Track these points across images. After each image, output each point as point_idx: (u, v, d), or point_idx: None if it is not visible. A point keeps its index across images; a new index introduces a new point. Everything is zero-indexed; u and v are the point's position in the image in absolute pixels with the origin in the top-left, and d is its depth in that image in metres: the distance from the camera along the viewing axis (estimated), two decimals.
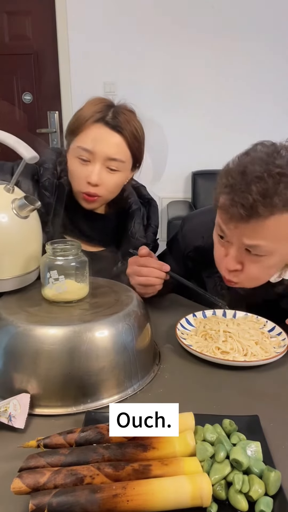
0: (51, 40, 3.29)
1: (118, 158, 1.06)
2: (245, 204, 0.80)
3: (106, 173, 1.07)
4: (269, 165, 0.80)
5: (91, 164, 1.05)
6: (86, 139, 1.04)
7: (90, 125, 1.04)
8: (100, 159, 1.05)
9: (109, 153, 1.04)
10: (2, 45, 3.37)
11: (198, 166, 3.26)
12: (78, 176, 1.07)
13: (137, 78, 3.24)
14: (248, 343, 0.88)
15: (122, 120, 1.05)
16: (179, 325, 0.96)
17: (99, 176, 1.05)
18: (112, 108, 1.07)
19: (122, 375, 0.76)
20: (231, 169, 0.86)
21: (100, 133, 1.04)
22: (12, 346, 0.73)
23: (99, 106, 1.06)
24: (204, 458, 0.57)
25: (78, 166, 1.06)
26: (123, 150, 1.07)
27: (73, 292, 0.83)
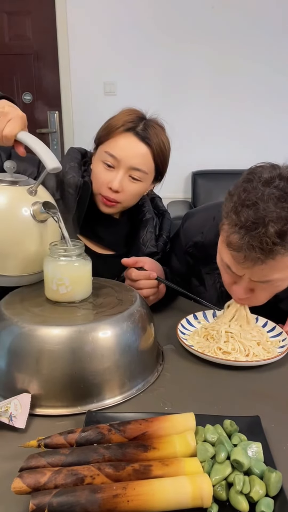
0: (51, 40, 3.29)
1: (142, 169, 1.09)
2: (264, 248, 0.76)
3: (128, 182, 1.09)
4: (282, 201, 0.76)
5: (115, 170, 1.08)
6: (114, 146, 1.07)
7: (120, 133, 1.07)
8: (125, 167, 1.07)
9: (134, 162, 1.07)
10: (2, 45, 3.37)
11: (198, 166, 3.26)
12: (101, 180, 1.09)
13: (137, 78, 3.24)
14: (250, 344, 0.88)
15: (151, 133, 1.09)
16: (180, 325, 0.96)
17: (121, 183, 1.08)
18: (144, 121, 1.10)
19: (126, 375, 0.76)
20: (240, 205, 0.79)
21: (128, 142, 1.07)
22: (15, 346, 0.73)
23: (131, 116, 1.09)
24: (205, 459, 0.57)
25: (102, 170, 1.09)
26: (148, 162, 1.10)
27: (76, 293, 0.83)
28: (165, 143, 1.12)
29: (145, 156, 1.08)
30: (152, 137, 1.08)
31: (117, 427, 0.61)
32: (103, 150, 1.08)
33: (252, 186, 0.78)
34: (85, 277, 0.84)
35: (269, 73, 3.18)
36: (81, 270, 0.83)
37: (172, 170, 1.22)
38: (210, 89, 3.24)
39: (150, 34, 3.15)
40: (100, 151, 1.10)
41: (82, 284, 0.83)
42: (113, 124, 1.08)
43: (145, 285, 1.02)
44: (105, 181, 1.08)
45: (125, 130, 1.07)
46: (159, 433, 0.61)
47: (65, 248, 0.83)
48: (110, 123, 1.09)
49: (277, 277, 0.82)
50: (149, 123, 1.10)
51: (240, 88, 3.22)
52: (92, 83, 3.22)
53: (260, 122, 3.20)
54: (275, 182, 0.78)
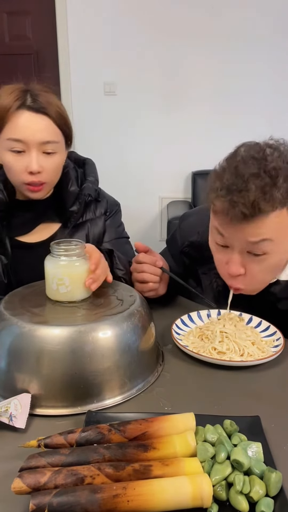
0: (51, 40, 3.29)
1: (52, 140, 1.04)
2: (246, 202, 0.80)
3: (44, 158, 1.04)
4: (261, 162, 0.81)
5: (26, 153, 1.02)
6: (14, 129, 1.01)
7: (13, 114, 1.00)
8: (35, 146, 1.02)
9: (41, 137, 1.02)
10: (2, 45, 3.37)
11: (198, 166, 3.26)
12: (16, 168, 1.04)
13: (137, 78, 3.23)
14: (245, 343, 0.88)
15: (42, 101, 1.03)
16: (175, 325, 0.96)
17: (38, 163, 1.03)
18: (28, 92, 1.04)
19: (126, 375, 0.76)
20: (222, 172, 0.85)
21: (26, 119, 1.01)
22: (16, 346, 0.73)
23: (14, 93, 1.02)
24: (205, 459, 0.57)
25: (14, 159, 1.03)
26: (53, 130, 1.04)
27: (76, 292, 0.83)
28: (59, 105, 1.06)
29: (49, 127, 1.03)
30: (45, 104, 1.03)
31: (117, 427, 0.61)
32: (5, 139, 1.02)
33: (232, 157, 0.86)
34: (85, 277, 0.84)
35: (269, 74, 3.18)
36: (81, 269, 0.83)
37: (172, 170, 1.22)
38: (210, 89, 3.24)
39: (150, 34, 3.15)
40: (2, 141, 1.03)
41: (82, 284, 0.83)
42: (1, 109, 1.01)
43: (148, 270, 1.02)
44: (22, 168, 1.03)
45: (16, 108, 1.00)
46: (159, 433, 0.61)
47: (66, 248, 0.83)
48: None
49: (268, 238, 0.84)
50: (35, 91, 1.04)
51: (240, 88, 3.22)
52: (92, 83, 3.22)
53: (260, 122, 3.20)
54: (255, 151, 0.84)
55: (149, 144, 3.33)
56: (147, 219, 3.46)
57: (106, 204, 1.24)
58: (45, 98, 1.04)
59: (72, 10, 3.15)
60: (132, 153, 3.33)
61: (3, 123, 1.02)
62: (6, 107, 1.00)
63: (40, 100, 1.03)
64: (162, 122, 3.28)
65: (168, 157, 3.34)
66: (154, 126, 3.30)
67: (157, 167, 3.37)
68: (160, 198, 3.44)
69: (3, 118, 1.01)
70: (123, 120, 3.26)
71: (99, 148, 3.17)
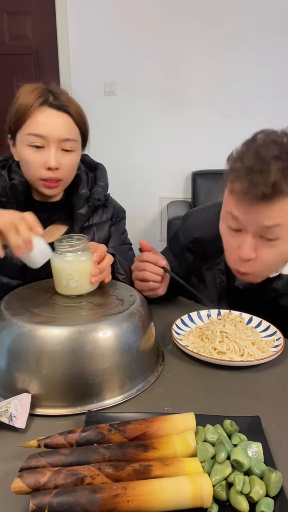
0: (51, 40, 3.29)
1: (71, 138, 1.06)
2: (267, 183, 0.81)
3: (62, 155, 1.06)
4: (282, 146, 0.83)
5: (45, 149, 1.04)
6: (35, 125, 1.03)
7: (35, 110, 1.03)
8: (55, 142, 1.04)
9: (61, 134, 1.04)
10: (2, 45, 3.37)
11: (198, 166, 3.26)
12: (34, 163, 1.05)
13: (137, 78, 3.24)
14: (245, 343, 0.88)
15: (64, 99, 1.06)
16: (175, 325, 0.96)
17: (57, 159, 1.04)
18: (49, 91, 1.06)
19: (126, 375, 0.76)
20: (241, 155, 0.87)
21: (48, 115, 1.03)
22: (16, 346, 0.73)
23: (37, 90, 1.05)
24: (205, 459, 0.57)
25: (33, 154, 1.04)
26: (73, 129, 1.07)
27: (85, 286, 0.86)
28: (78, 105, 1.09)
29: (69, 124, 1.05)
30: (66, 103, 1.05)
31: (117, 427, 0.61)
32: (25, 134, 1.04)
33: (251, 142, 0.88)
34: (92, 270, 0.86)
35: (270, 74, 3.18)
36: (87, 263, 0.85)
37: (172, 170, 1.22)
38: (210, 89, 3.24)
39: (150, 34, 3.15)
40: (21, 136, 1.05)
41: (89, 278, 0.86)
42: (23, 105, 1.03)
43: (150, 269, 1.02)
44: (40, 163, 1.04)
45: (39, 105, 1.03)
46: (159, 433, 0.61)
47: (70, 244, 0.85)
48: (19, 105, 1.04)
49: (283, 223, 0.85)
50: (56, 90, 1.07)
51: (240, 88, 3.22)
52: (92, 83, 3.22)
53: (260, 123, 3.19)
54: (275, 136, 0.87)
55: (149, 144, 3.33)
56: (147, 219, 3.46)
57: (113, 210, 1.25)
58: (65, 97, 1.07)
59: (72, 10, 3.16)
60: (132, 153, 3.33)
61: (24, 119, 1.04)
62: (29, 104, 1.03)
63: (61, 98, 1.05)
64: (162, 122, 3.28)
65: (168, 157, 3.34)
66: (154, 126, 3.30)
67: (157, 167, 3.37)
68: (160, 198, 3.44)
69: (24, 114, 1.03)
70: (123, 120, 3.26)
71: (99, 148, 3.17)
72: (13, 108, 1.05)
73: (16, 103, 1.05)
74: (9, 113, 1.07)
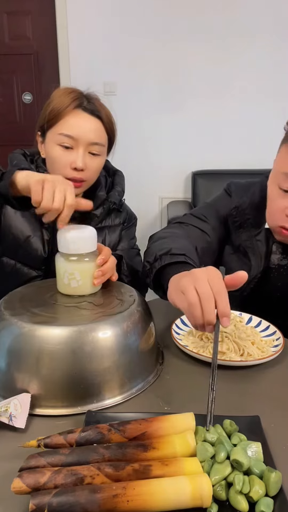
0: (51, 40, 3.29)
1: (100, 142, 1.09)
2: None
3: (89, 158, 1.09)
4: None
5: (74, 150, 1.08)
6: (68, 126, 1.07)
7: (69, 112, 1.07)
8: (84, 144, 1.07)
9: (91, 137, 1.08)
10: (2, 45, 3.37)
11: (198, 166, 3.26)
12: (62, 162, 1.08)
13: (137, 78, 3.23)
14: (245, 343, 0.88)
15: (97, 105, 1.11)
16: (174, 325, 0.96)
17: (84, 161, 1.08)
18: (84, 96, 1.11)
19: (126, 375, 0.76)
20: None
21: (80, 118, 1.07)
22: (15, 346, 0.73)
23: (73, 93, 1.10)
24: (205, 459, 0.57)
25: (61, 153, 1.08)
26: (102, 134, 1.11)
27: (87, 286, 0.86)
28: (109, 112, 1.14)
29: (99, 129, 1.09)
30: (99, 108, 1.10)
31: (117, 427, 0.61)
32: (56, 133, 1.07)
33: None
34: (95, 270, 0.86)
35: (269, 73, 3.17)
36: (91, 265, 0.86)
37: (172, 170, 1.22)
38: (211, 89, 3.23)
39: (150, 34, 3.15)
40: (52, 135, 1.09)
41: (92, 279, 0.86)
42: (58, 106, 1.07)
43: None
44: (67, 163, 1.08)
45: (74, 107, 1.07)
46: (159, 433, 0.61)
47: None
48: (53, 106, 1.08)
49: None
50: (91, 95, 1.13)
51: (240, 88, 3.22)
52: (92, 83, 3.21)
53: (260, 122, 3.20)
54: None
55: (149, 144, 3.33)
56: (147, 219, 3.46)
57: (126, 215, 1.27)
58: (99, 103, 1.13)
59: (72, 10, 3.15)
60: (132, 153, 3.33)
61: (58, 119, 1.07)
62: (65, 105, 1.07)
63: (95, 103, 1.10)
64: (162, 122, 3.28)
65: (168, 157, 3.34)
66: (154, 126, 3.30)
67: (157, 167, 3.37)
68: (160, 198, 3.44)
69: (59, 114, 1.07)
70: (123, 120, 3.24)
71: None
72: (48, 107, 1.09)
73: (51, 103, 1.09)
74: (43, 112, 1.11)
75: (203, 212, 1.18)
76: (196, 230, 1.13)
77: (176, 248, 0.94)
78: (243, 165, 3.16)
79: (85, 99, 1.10)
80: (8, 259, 1.12)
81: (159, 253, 0.94)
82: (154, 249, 0.98)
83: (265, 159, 2.28)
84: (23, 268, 1.11)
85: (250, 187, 1.16)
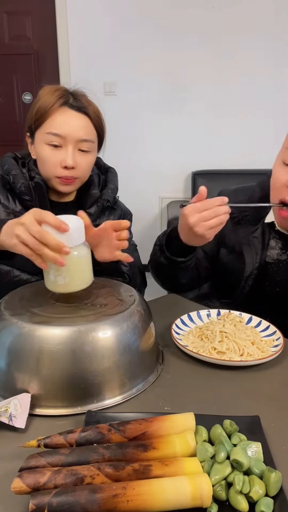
0: (51, 40, 3.29)
1: (89, 139, 1.09)
2: None
3: (79, 155, 1.09)
4: None
5: (63, 148, 1.07)
6: (55, 124, 1.06)
7: (56, 110, 1.06)
8: (72, 142, 1.07)
9: (80, 134, 1.07)
10: (2, 45, 3.37)
11: (198, 166, 3.26)
12: (52, 162, 1.08)
13: (137, 78, 3.23)
14: (244, 343, 0.88)
15: (84, 101, 1.10)
16: (174, 325, 0.96)
17: (73, 159, 1.07)
18: (70, 93, 1.10)
19: (126, 375, 0.76)
20: None
21: (67, 116, 1.06)
22: (16, 346, 0.73)
23: (58, 91, 1.09)
24: (205, 459, 0.57)
25: (50, 153, 1.07)
26: (91, 130, 1.10)
27: (74, 283, 0.81)
28: (97, 108, 1.13)
29: (87, 126, 1.09)
30: (86, 105, 1.09)
31: (117, 427, 0.61)
32: (44, 133, 1.06)
33: None
34: (83, 267, 0.81)
35: (269, 74, 3.18)
36: (79, 260, 0.80)
37: (172, 170, 1.22)
38: (211, 90, 3.23)
39: (150, 34, 3.15)
40: (40, 134, 1.08)
41: (81, 274, 0.81)
42: (44, 105, 1.06)
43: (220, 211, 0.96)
44: (57, 162, 1.07)
45: (60, 105, 1.06)
46: (159, 433, 0.61)
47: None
48: (39, 105, 1.07)
49: None
50: (77, 92, 1.12)
51: (240, 88, 3.22)
52: (92, 83, 3.21)
53: (260, 122, 3.20)
54: None
55: (149, 144, 3.33)
56: (147, 219, 3.46)
57: (121, 212, 1.27)
58: (85, 99, 1.11)
59: (72, 10, 3.15)
60: (132, 153, 3.33)
61: (45, 118, 1.07)
62: (50, 104, 1.06)
63: (81, 100, 1.09)
64: (162, 122, 3.28)
65: (168, 157, 3.34)
66: (154, 126, 3.30)
67: (157, 167, 3.36)
68: (160, 198, 3.44)
69: (45, 113, 1.06)
70: (123, 120, 3.25)
71: None
72: (34, 107, 1.09)
73: (37, 103, 1.08)
74: (30, 112, 1.10)
75: None
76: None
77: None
78: (243, 165, 3.16)
79: (71, 96, 1.09)
80: (5, 266, 1.09)
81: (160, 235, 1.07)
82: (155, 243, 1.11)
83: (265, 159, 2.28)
84: (21, 274, 1.10)
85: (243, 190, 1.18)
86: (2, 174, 1.13)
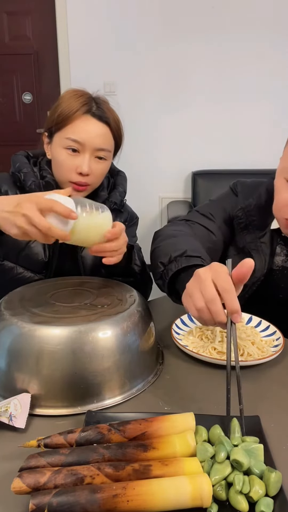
0: (51, 40, 3.29)
1: (106, 148, 1.10)
2: None
3: (95, 163, 1.09)
4: None
5: (80, 154, 1.08)
6: (75, 131, 1.07)
7: (78, 117, 1.07)
8: (90, 150, 1.07)
9: (98, 143, 1.08)
10: (2, 45, 3.37)
11: (198, 166, 3.26)
12: (67, 166, 1.09)
13: (137, 78, 3.24)
14: (244, 343, 0.88)
15: (105, 109, 1.10)
16: (175, 325, 0.96)
17: (89, 166, 1.08)
18: (94, 99, 1.11)
19: (126, 375, 0.76)
20: None
21: (89, 124, 1.07)
22: (16, 346, 0.73)
23: (83, 97, 1.09)
24: (205, 459, 0.57)
25: (67, 157, 1.08)
26: (109, 140, 1.11)
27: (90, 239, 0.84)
28: (117, 117, 1.14)
29: (106, 135, 1.09)
30: (107, 114, 1.10)
31: (117, 427, 0.61)
32: (64, 137, 1.07)
33: None
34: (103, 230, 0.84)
35: (269, 74, 3.18)
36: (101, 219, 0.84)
37: (172, 170, 1.22)
38: (210, 89, 3.24)
39: (150, 34, 3.15)
40: (59, 138, 1.09)
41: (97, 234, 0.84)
42: (67, 110, 1.07)
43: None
44: (73, 167, 1.08)
45: (83, 113, 1.07)
46: (159, 433, 0.61)
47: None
48: (62, 109, 1.08)
49: None
50: (99, 100, 1.12)
51: (240, 88, 3.22)
52: (92, 83, 3.22)
53: (260, 123, 3.20)
54: None
55: (149, 144, 3.33)
56: (147, 219, 3.46)
57: (127, 215, 1.28)
58: (106, 107, 1.11)
59: (72, 10, 3.16)
60: (132, 153, 3.33)
61: (66, 123, 1.07)
62: (73, 110, 1.07)
63: (103, 108, 1.10)
64: (162, 122, 3.29)
65: (168, 157, 3.34)
66: (154, 126, 3.30)
67: (157, 167, 3.37)
68: (160, 198, 3.45)
69: (67, 119, 1.07)
70: (123, 120, 3.25)
71: None
72: (56, 110, 1.09)
73: (59, 106, 1.09)
74: (51, 113, 1.10)
75: (210, 210, 1.17)
76: (203, 229, 1.12)
77: (191, 250, 0.91)
78: (243, 165, 3.16)
79: (94, 103, 1.09)
80: (9, 262, 1.11)
81: (174, 254, 0.90)
82: (167, 249, 0.95)
83: (265, 159, 2.29)
84: (24, 272, 1.11)
85: (256, 188, 1.15)
86: (13, 171, 1.13)
